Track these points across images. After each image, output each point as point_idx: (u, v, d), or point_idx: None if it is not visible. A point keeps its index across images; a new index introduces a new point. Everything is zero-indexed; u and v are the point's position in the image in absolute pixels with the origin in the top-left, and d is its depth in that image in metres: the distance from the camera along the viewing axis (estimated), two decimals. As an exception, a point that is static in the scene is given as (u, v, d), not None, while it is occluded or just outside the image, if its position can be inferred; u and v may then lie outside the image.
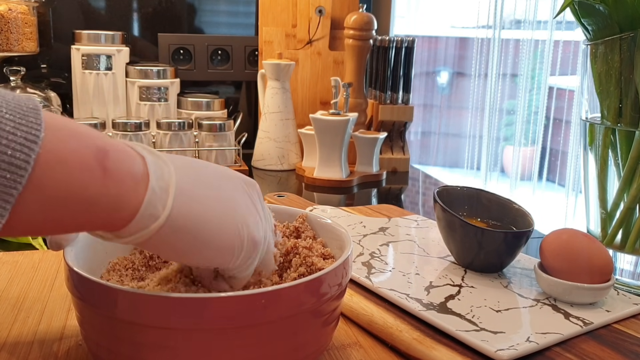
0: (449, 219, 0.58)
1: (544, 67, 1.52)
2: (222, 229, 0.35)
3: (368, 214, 0.79)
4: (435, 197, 0.59)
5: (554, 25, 1.47)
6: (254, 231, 0.37)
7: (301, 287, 0.37)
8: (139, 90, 1.18)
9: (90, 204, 0.30)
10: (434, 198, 0.59)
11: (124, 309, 0.35)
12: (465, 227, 0.57)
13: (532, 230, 0.57)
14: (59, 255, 0.65)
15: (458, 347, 0.45)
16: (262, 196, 0.40)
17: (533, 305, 0.51)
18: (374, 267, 0.58)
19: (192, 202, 0.33)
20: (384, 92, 1.22)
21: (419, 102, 2.13)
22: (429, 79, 2.17)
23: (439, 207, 0.58)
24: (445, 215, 0.58)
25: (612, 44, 0.60)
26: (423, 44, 2.03)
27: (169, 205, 0.32)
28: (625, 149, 0.60)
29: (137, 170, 0.32)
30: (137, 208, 0.31)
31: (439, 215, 0.59)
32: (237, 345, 0.36)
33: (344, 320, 0.52)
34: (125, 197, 0.31)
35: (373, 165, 1.14)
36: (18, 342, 0.47)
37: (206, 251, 0.35)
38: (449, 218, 0.58)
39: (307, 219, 0.50)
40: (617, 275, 0.62)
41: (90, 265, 0.43)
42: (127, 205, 0.31)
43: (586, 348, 0.46)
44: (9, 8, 1.06)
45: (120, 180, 0.31)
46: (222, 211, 0.35)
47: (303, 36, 1.27)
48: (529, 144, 1.62)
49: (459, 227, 0.57)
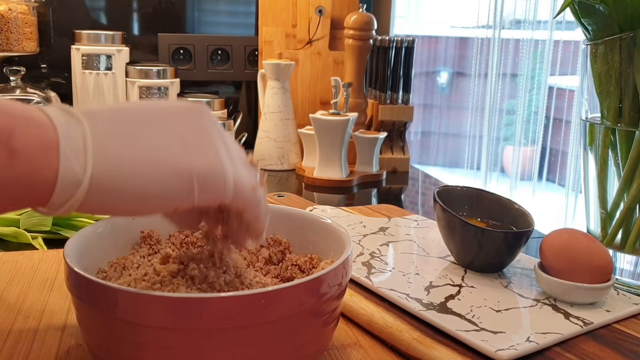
0: (449, 219, 0.58)
1: (544, 67, 1.52)
2: (157, 175, 0.32)
3: (368, 214, 0.79)
4: (435, 197, 0.59)
5: (554, 25, 1.47)
6: (200, 159, 0.33)
7: (301, 287, 0.37)
8: (139, 90, 1.18)
9: (4, 187, 0.29)
10: (434, 198, 0.59)
11: (124, 309, 0.35)
12: (465, 227, 0.57)
13: (532, 230, 0.57)
14: (59, 255, 0.65)
15: (458, 347, 0.45)
16: (217, 122, 0.37)
17: (533, 305, 0.51)
18: (374, 267, 0.58)
19: (115, 157, 0.31)
20: (384, 92, 1.22)
21: (419, 102, 2.13)
22: (429, 79, 2.17)
23: (439, 207, 0.58)
24: (445, 215, 0.58)
25: (612, 44, 0.60)
26: (423, 44, 2.04)
27: (89, 167, 0.30)
28: (625, 149, 0.60)
29: (49, 138, 0.30)
30: (54, 180, 0.30)
31: (439, 215, 0.59)
32: (237, 345, 0.36)
33: (344, 320, 0.52)
34: (38, 174, 0.29)
35: (373, 165, 1.14)
36: (18, 342, 0.47)
37: (149, 201, 0.32)
38: (449, 218, 0.58)
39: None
40: (617, 275, 0.62)
41: (90, 265, 0.43)
42: (43, 180, 0.30)
43: (586, 348, 0.46)
44: (9, 8, 1.06)
45: (30, 157, 0.29)
46: (154, 156, 0.32)
47: (303, 36, 1.27)
48: (529, 144, 1.62)
49: (459, 227, 0.57)
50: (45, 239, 0.72)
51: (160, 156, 0.33)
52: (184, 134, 0.34)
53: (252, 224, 0.38)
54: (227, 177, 0.35)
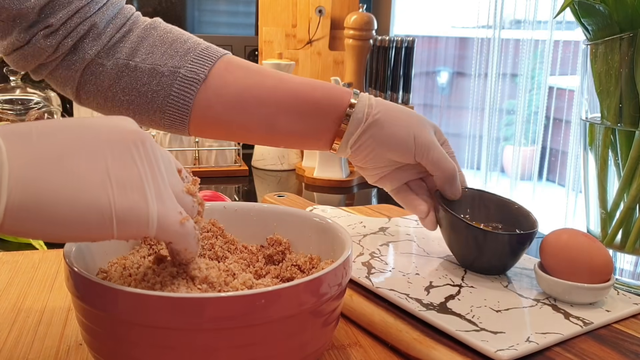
0: (452, 221, 0.57)
1: (544, 67, 1.52)
2: (76, 206, 0.32)
3: (368, 214, 0.79)
4: (438, 198, 0.59)
5: (554, 25, 1.47)
6: (121, 197, 0.33)
7: (301, 287, 0.37)
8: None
9: None
10: (436, 199, 0.59)
11: (124, 309, 0.35)
12: (468, 229, 0.56)
13: (536, 231, 0.57)
14: (59, 255, 0.65)
15: (458, 347, 0.45)
16: (155, 149, 0.36)
17: (533, 305, 0.51)
18: (374, 267, 0.58)
19: (34, 183, 0.31)
20: (384, 92, 1.22)
21: (419, 102, 2.13)
22: (429, 79, 2.17)
23: (441, 209, 0.58)
24: (447, 216, 0.58)
25: (612, 44, 0.60)
26: (423, 44, 2.04)
27: (4, 196, 0.30)
28: (625, 149, 0.60)
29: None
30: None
31: (441, 216, 0.59)
32: (237, 345, 0.36)
33: (344, 320, 0.52)
34: None
35: (373, 165, 1.14)
36: (18, 342, 0.47)
37: (68, 231, 0.32)
38: (451, 220, 0.57)
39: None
40: (617, 275, 0.62)
41: (90, 265, 0.43)
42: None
43: (586, 348, 0.46)
44: (9, 8, 1.06)
45: None
46: (75, 186, 0.32)
47: (303, 36, 1.27)
48: (529, 143, 1.62)
49: (462, 229, 0.57)
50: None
51: (82, 187, 0.32)
52: (111, 164, 0.33)
53: (181, 254, 0.38)
54: (150, 215, 0.34)
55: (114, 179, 0.33)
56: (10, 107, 1.08)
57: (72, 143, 0.33)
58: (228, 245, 0.51)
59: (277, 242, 0.51)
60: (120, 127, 0.35)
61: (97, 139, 0.34)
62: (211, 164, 1.14)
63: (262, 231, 0.53)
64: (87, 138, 0.34)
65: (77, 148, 0.33)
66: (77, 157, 0.33)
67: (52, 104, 1.12)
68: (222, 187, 1.08)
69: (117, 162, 0.34)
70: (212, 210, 0.53)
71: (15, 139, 0.32)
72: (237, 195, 1.04)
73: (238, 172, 1.14)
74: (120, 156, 0.34)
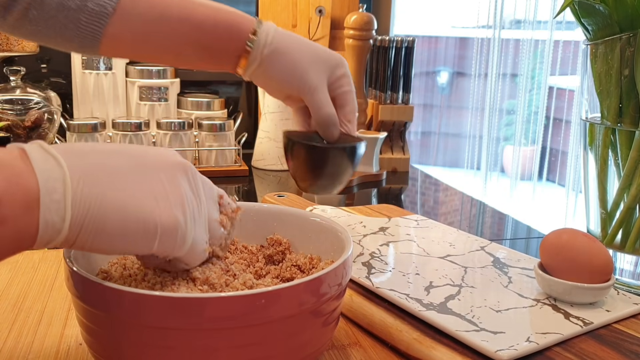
0: (286, 144, 0.61)
1: (544, 67, 1.52)
2: (127, 221, 0.34)
3: (368, 214, 0.79)
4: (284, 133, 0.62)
5: (554, 25, 1.47)
6: (167, 214, 0.35)
7: (301, 287, 0.37)
8: (139, 90, 1.18)
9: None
10: (283, 134, 0.62)
11: (124, 309, 0.35)
12: (297, 146, 0.59)
13: (355, 145, 0.60)
14: (59, 255, 0.65)
15: (458, 347, 0.45)
16: (197, 178, 0.39)
17: (533, 305, 0.51)
18: (374, 267, 0.58)
19: (92, 200, 0.33)
20: (384, 92, 1.22)
21: (419, 102, 2.13)
22: (429, 79, 2.17)
23: (284, 137, 0.61)
24: (285, 142, 0.61)
25: (612, 44, 0.60)
26: (423, 44, 2.04)
27: (68, 216, 0.32)
28: (625, 149, 0.60)
29: (31, 193, 0.32)
30: (36, 232, 0.32)
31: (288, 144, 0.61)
32: (237, 345, 0.36)
33: (344, 320, 0.52)
34: (23, 231, 0.32)
35: (373, 165, 1.14)
36: (18, 342, 0.47)
37: (117, 244, 0.35)
38: (286, 143, 0.60)
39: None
40: (617, 275, 0.62)
41: (90, 265, 0.43)
42: (27, 236, 0.32)
43: (586, 348, 0.46)
44: (9, 8, 1.06)
45: (15, 219, 0.31)
46: (127, 203, 0.34)
47: (303, 36, 1.27)
48: (529, 143, 1.62)
49: (293, 149, 0.60)
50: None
51: (133, 203, 0.34)
52: (158, 186, 0.36)
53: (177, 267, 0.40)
54: (187, 237, 0.37)
55: (161, 198, 0.36)
56: (11, 107, 1.08)
57: (123, 164, 0.36)
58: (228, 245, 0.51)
59: (277, 242, 0.51)
60: (165, 155, 0.38)
61: (145, 164, 0.37)
62: (211, 164, 1.14)
63: (262, 231, 0.53)
64: (136, 162, 0.36)
65: (129, 169, 0.35)
66: (129, 176, 0.35)
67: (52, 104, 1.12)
68: (222, 187, 1.08)
69: (164, 184, 0.36)
70: (212, 210, 0.53)
71: (71, 157, 0.34)
72: (237, 195, 1.04)
73: (238, 172, 1.14)
74: (166, 179, 0.36)
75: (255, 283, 0.41)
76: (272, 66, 0.59)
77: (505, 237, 0.88)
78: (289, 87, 0.60)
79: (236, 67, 0.60)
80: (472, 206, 1.05)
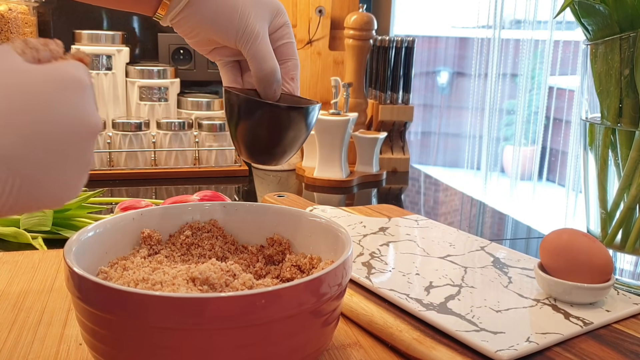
0: (234, 102, 0.51)
1: (544, 67, 1.52)
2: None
3: (368, 214, 0.79)
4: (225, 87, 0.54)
5: (554, 25, 1.47)
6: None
7: (301, 287, 0.37)
8: (139, 90, 1.18)
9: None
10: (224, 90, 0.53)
11: (124, 309, 0.35)
12: (251, 104, 0.50)
13: (308, 107, 0.51)
14: (59, 255, 0.65)
15: (458, 347, 0.45)
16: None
17: (533, 305, 0.51)
18: (374, 267, 0.58)
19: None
20: (384, 92, 1.22)
21: (419, 102, 2.13)
22: (429, 79, 2.17)
23: (227, 94, 0.52)
24: (232, 99, 0.51)
25: (612, 44, 0.60)
26: (423, 44, 2.04)
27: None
28: (625, 149, 0.60)
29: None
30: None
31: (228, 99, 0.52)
32: (237, 345, 0.36)
33: (344, 320, 0.52)
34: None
35: (373, 165, 1.14)
36: (18, 342, 0.47)
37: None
38: (233, 101, 0.51)
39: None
40: (617, 275, 0.62)
41: (90, 265, 0.43)
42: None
43: (586, 348, 0.46)
44: (9, 8, 1.06)
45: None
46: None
47: (303, 36, 1.27)
48: (529, 143, 1.62)
49: (245, 108, 0.50)
50: (45, 239, 0.72)
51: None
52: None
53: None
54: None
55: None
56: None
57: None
58: (228, 245, 0.52)
59: (277, 242, 0.51)
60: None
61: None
62: (211, 164, 1.14)
63: (262, 231, 0.53)
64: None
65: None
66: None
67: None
68: (222, 187, 1.08)
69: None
70: (212, 210, 0.53)
71: None
72: (237, 195, 1.04)
73: (238, 172, 1.14)
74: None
75: (255, 283, 0.41)
76: (203, 6, 0.50)
77: (505, 237, 0.88)
78: (224, 34, 0.50)
79: (156, 6, 0.51)
80: (472, 206, 1.05)
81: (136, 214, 0.50)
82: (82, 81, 0.33)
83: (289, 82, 0.54)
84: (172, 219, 0.52)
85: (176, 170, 1.11)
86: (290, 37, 0.54)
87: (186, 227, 0.51)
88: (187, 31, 0.52)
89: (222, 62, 0.55)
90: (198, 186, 1.06)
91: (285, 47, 0.54)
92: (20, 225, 0.72)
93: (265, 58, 0.51)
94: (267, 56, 0.51)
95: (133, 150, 1.09)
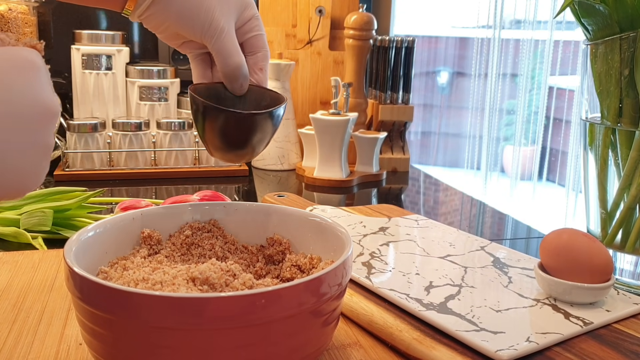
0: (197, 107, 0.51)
1: (544, 67, 1.52)
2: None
3: (368, 214, 0.79)
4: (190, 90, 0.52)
5: (554, 25, 1.47)
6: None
7: (301, 287, 0.37)
8: (139, 90, 1.18)
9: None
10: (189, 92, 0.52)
11: (124, 309, 0.35)
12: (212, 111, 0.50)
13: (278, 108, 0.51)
14: (59, 255, 0.65)
15: (458, 347, 0.45)
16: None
17: (533, 305, 0.51)
18: (374, 267, 0.58)
19: None
20: (384, 92, 1.22)
21: (419, 102, 2.13)
22: (429, 79, 2.17)
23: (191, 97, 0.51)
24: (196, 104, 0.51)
25: (612, 44, 0.60)
26: (423, 44, 2.04)
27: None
28: (625, 149, 0.60)
29: None
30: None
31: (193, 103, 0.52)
32: (237, 345, 0.36)
33: (344, 320, 0.52)
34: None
35: (373, 165, 1.14)
36: (18, 342, 0.47)
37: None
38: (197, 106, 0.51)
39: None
40: (617, 275, 0.62)
41: (90, 265, 0.43)
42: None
43: (586, 348, 0.46)
44: (9, 8, 1.06)
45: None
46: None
47: (303, 36, 1.27)
48: (529, 143, 1.63)
49: (207, 114, 0.50)
50: (45, 239, 0.72)
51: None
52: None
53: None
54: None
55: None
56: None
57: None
58: (228, 245, 0.52)
59: (277, 242, 0.51)
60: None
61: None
62: (211, 164, 1.14)
63: (262, 231, 0.53)
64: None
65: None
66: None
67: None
68: (222, 187, 1.08)
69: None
70: (212, 210, 0.53)
71: None
72: (237, 195, 1.04)
73: (238, 172, 1.14)
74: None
75: (255, 283, 0.41)
76: (170, 2, 0.50)
77: (505, 237, 0.88)
78: (189, 29, 0.51)
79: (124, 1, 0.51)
80: (472, 206, 1.05)
81: (136, 214, 0.50)
82: (36, 62, 0.33)
83: (257, 72, 0.54)
84: (172, 219, 0.52)
85: (176, 170, 1.11)
86: (259, 29, 0.54)
87: (186, 227, 0.51)
88: (155, 26, 0.53)
89: (192, 55, 0.56)
90: (198, 186, 1.06)
91: (255, 39, 0.54)
92: (20, 225, 0.72)
93: (230, 53, 0.51)
94: (232, 51, 0.51)
95: (133, 150, 1.09)
